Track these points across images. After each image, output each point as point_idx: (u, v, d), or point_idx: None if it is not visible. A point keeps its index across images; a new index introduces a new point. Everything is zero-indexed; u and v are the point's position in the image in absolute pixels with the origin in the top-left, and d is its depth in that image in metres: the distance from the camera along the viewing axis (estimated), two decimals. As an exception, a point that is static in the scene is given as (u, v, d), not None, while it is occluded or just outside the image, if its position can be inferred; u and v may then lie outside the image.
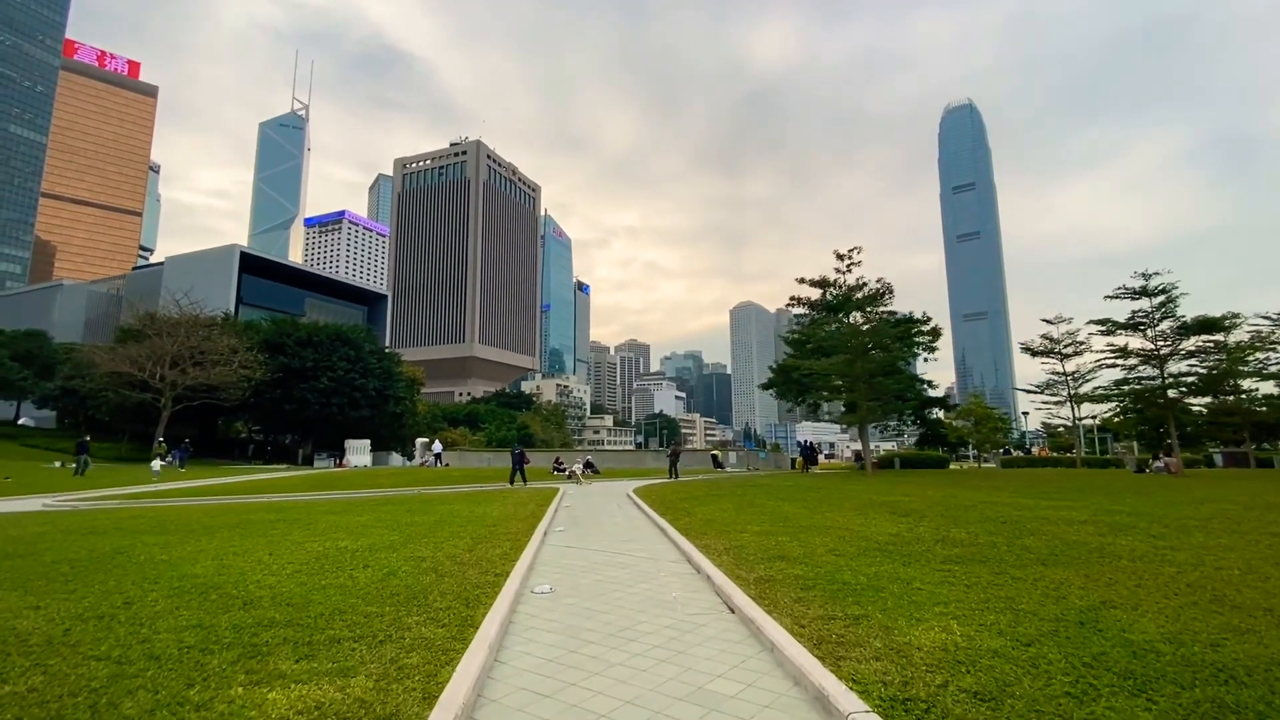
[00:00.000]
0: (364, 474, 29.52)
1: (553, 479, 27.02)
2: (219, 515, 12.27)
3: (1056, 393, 35.07)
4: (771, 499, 14.78)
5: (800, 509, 12.59)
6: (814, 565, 6.98)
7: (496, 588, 6.23)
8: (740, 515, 11.81)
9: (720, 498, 15.50)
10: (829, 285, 35.94)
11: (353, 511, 12.98)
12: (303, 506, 14.05)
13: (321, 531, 10.04)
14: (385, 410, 53.04)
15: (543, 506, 14.52)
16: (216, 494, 19.60)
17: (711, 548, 8.40)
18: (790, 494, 16.13)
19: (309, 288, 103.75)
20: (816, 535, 9.06)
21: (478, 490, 20.58)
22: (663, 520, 11.68)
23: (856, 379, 25.75)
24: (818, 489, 17.72)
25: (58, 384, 47.02)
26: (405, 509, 13.58)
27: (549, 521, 12.04)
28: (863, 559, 7.28)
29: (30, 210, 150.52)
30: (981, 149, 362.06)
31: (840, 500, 14.22)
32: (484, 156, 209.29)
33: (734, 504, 13.86)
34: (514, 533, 10.10)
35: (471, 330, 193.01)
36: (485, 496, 17.22)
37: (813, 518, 11.16)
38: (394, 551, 8.13)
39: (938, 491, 16.59)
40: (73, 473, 27.87)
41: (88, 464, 28.40)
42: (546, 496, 17.39)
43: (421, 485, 23.19)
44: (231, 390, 41.70)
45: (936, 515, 11.07)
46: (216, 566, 7.10)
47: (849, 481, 22.00)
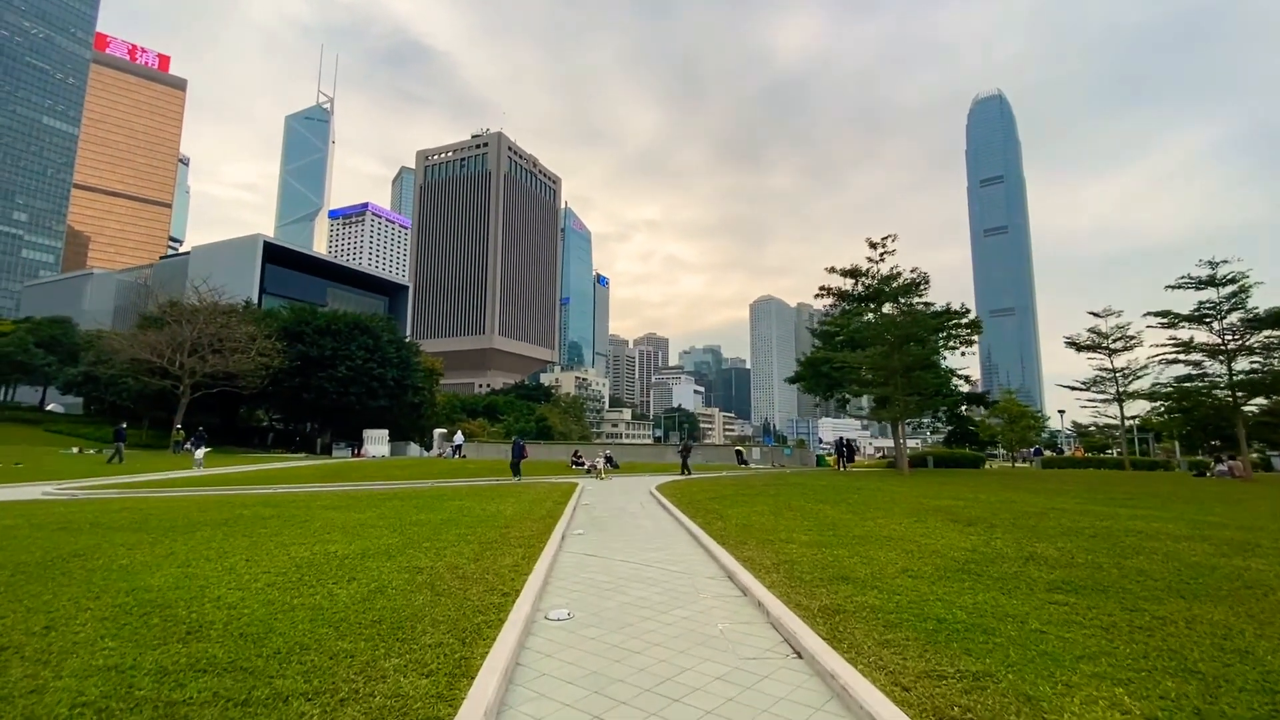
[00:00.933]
0: (379, 465, 28.78)
1: (571, 473, 25.97)
2: (211, 509, 11.34)
3: (1103, 389, 33.08)
4: (810, 500, 13.49)
5: (846, 514, 11.29)
6: (889, 591, 5.72)
7: (503, 613, 5.08)
8: (780, 520, 10.55)
9: (753, 498, 14.25)
10: (861, 275, 34.35)
11: (355, 507, 11.98)
12: (304, 500, 13.12)
13: (315, 531, 9.01)
14: (404, 400, 52.53)
15: (560, 504, 13.41)
16: (224, 484, 18.85)
17: (756, 562, 7.16)
18: (829, 495, 14.81)
19: (331, 278, 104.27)
20: (877, 548, 7.78)
21: (493, 484, 19.57)
22: (693, 524, 10.46)
23: (893, 372, 24.23)
24: (857, 489, 16.36)
25: (81, 370, 47.21)
26: (413, 505, 12.56)
27: (567, 523, 10.90)
28: (947, 583, 5.99)
29: (63, 201, 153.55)
30: (1011, 141, 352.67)
31: (887, 503, 12.88)
32: (505, 148, 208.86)
33: (769, 506, 12.60)
34: (528, 536, 8.97)
35: (491, 322, 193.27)
36: (499, 491, 16.17)
37: (864, 525, 9.86)
38: (389, 559, 7.03)
39: (991, 494, 15.15)
40: (106, 460, 27.20)
41: (121, 452, 27.62)
42: (565, 492, 16.29)
43: (435, 478, 22.26)
44: (250, 378, 41.36)
45: (1007, 525, 9.70)
46: (178, 576, 6.05)
47: (888, 481, 20.57)
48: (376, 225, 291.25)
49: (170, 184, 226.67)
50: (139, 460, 29.77)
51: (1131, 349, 31.67)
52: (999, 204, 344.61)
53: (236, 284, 70.12)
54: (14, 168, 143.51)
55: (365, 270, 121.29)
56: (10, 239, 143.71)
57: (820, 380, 32.51)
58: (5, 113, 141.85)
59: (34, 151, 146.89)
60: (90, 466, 25.41)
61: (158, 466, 26.28)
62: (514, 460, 22.50)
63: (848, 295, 35.09)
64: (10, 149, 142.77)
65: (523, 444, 23.83)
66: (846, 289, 35.02)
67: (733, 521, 10.52)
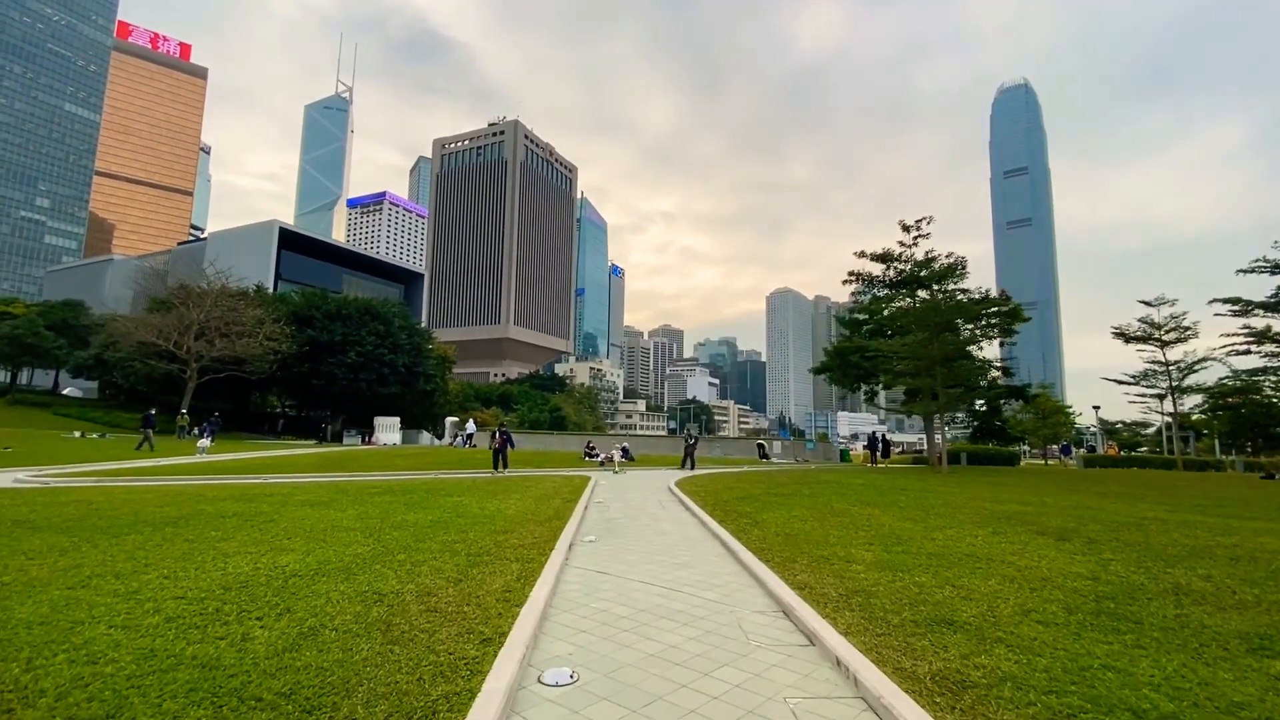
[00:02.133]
0: (383, 454, 27.53)
1: (584, 465, 24.49)
2: (171, 504, 9.96)
3: (1153, 384, 30.87)
4: (854, 503, 11.81)
5: (904, 521, 9.61)
6: (1021, 648, 4.06)
7: (477, 675, 3.53)
8: (828, 529, 8.90)
9: (787, 499, 12.60)
10: (893, 259, 32.42)
11: (337, 503, 10.54)
12: (282, 494, 11.72)
13: (273, 536, 7.54)
14: (415, 388, 51.49)
15: (570, 502, 11.89)
16: (210, 473, 17.60)
17: (816, 591, 5.54)
18: (872, 497, 13.13)
19: (347, 265, 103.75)
20: (967, 573, 6.12)
21: (500, 477, 18.14)
22: (724, 531, 8.85)
23: (932, 362, 22.37)
24: (902, 490, 14.64)
25: (92, 354, 46.71)
26: (404, 501, 11.10)
27: (576, 525, 9.36)
28: (1095, 635, 4.33)
29: (85, 187, 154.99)
30: (1036, 132, 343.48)
31: (944, 508, 11.17)
32: (521, 136, 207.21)
33: (809, 509, 10.96)
34: (528, 545, 7.44)
35: (507, 311, 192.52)
36: (505, 486, 14.70)
37: (933, 537, 8.19)
38: (346, 580, 5.52)
39: (1057, 498, 13.35)
40: (135, 447, 26.01)
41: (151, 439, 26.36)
42: (576, 488, 14.78)
43: (440, 469, 20.89)
44: (258, 363, 40.46)
45: (1110, 540, 7.97)
46: (58, 603, 4.58)
47: (929, 481, 18.77)
48: (394, 214, 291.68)
49: (191, 172, 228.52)
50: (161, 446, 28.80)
51: (1186, 340, 29.44)
52: (1023, 196, 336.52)
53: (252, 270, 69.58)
54: (36, 154, 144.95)
55: (380, 258, 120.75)
56: (33, 225, 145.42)
57: (849, 371, 30.65)
58: (27, 99, 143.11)
59: (56, 138, 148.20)
60: (85, 451, 24.43)
61: (160, 452, 25.24)
62: (499, 451, 20.28)
63: (878, 281, 33.22)
64: (32, 135, 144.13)
65: (509, 433, 21.54)
66: (876, 274, 33.22)
67: (771, 529, 8.89)
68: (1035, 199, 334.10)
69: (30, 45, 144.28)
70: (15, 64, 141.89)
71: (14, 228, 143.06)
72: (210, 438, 36.48)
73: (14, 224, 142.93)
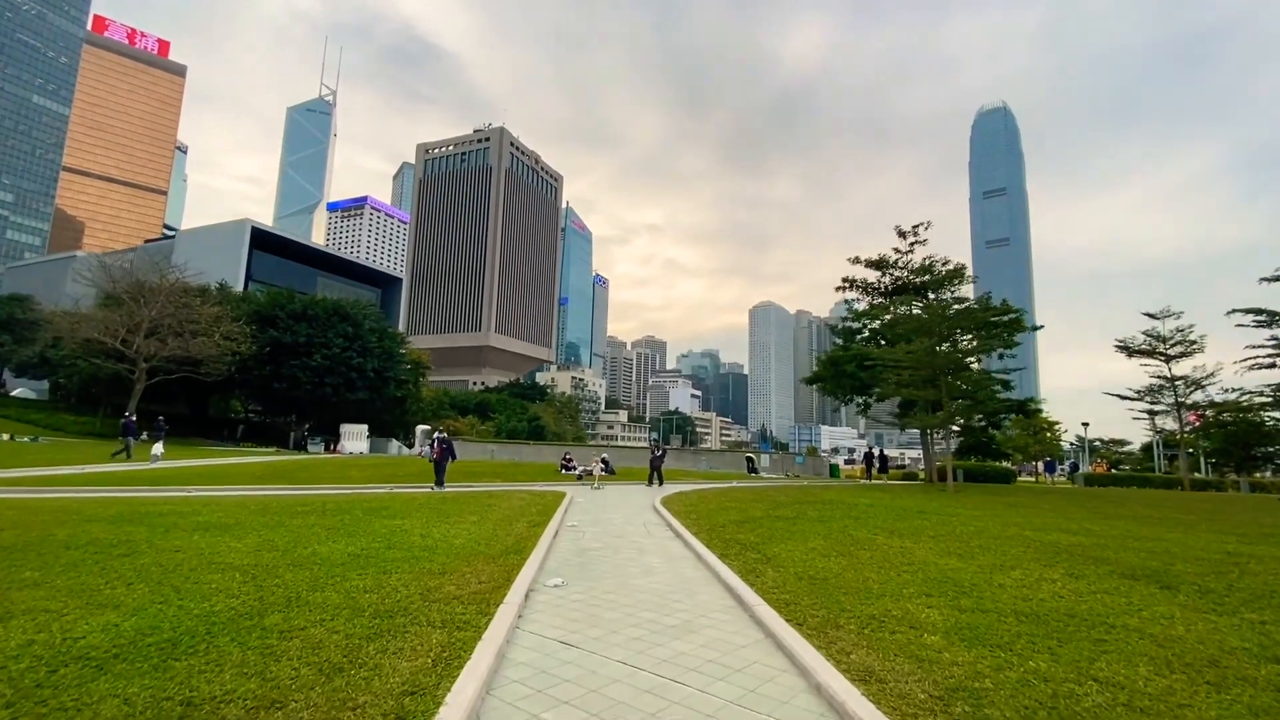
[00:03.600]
0: (339, 463, 25.12)
1: (559, 479, 22.40)
2: (25, 524, 7.75)
3: (1158, 399, 29.67)
4: (874, 530, 9.94)
5: (946, 557, 7.76)
6: None
7: None
8: (859, 568, 7.01)
9: (793, 523, 10.71)
10: (888, 266, 31.07)
11: (243, 527, 8.42)
12: (185, 511, 9.54)
13: (111, 580, 5.43)
14: (385, 393, 48.86)
15: (537, 526, 9.87)
16: (128, 484, 15.25)
17: (892, 689, 3.61)
18: (890, 521, 11.29)
19: (322, 268, 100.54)
20: (1096, 652, 4.24)
21: (461, 492, 16.02)
22: (730, 573, 6.90)
23: (937, 371, 20.78)
24: (919, 512, 12.83)
25: (36, 351, 43.52)
26: (330, 524, 9.01)
27: (540, 561, 7.36)
28: None
29: (51, 182, 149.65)
30: (1014, 153, 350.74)
31: (984, 538, 9.35)
32: (507, 144, 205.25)
33: (825, 538, 9.07)
34: (470, 594, 5.44)
35: (488, 319, 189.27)
36: (463, 504, 12.62)
37: (998, 581, 6.34)
38: (156, 672, 3.48)
39: (1099, 524, 11.60)
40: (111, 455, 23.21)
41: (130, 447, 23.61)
42: (547, 506, 12.75)
43: (397, 482, 18.70)
44: (214, 364, 37.69)
45: (1222, 589, 6.17)
46: None
47: (942, 501, 16.99)
48: (375, 219, 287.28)
49: (166, 171, 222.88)
50: (76, 450, 26.09)
51: (1191, 354, 28.30)
52: (1001, 216, 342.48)
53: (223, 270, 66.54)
54: (0, 147, 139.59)
55: (358, 261, 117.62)
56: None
57: (843, 381, 29.00)
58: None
59: (22, 130, 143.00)
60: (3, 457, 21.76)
61: (97, 457, 22.59)
62: (437, 463, 17.61)
63: (873, 288, 31.77)
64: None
65: (450, 441, 18.85)
66: (872, 281, 31.77)
67: (789, 569, 6.96)
68: (1013, 219, 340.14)
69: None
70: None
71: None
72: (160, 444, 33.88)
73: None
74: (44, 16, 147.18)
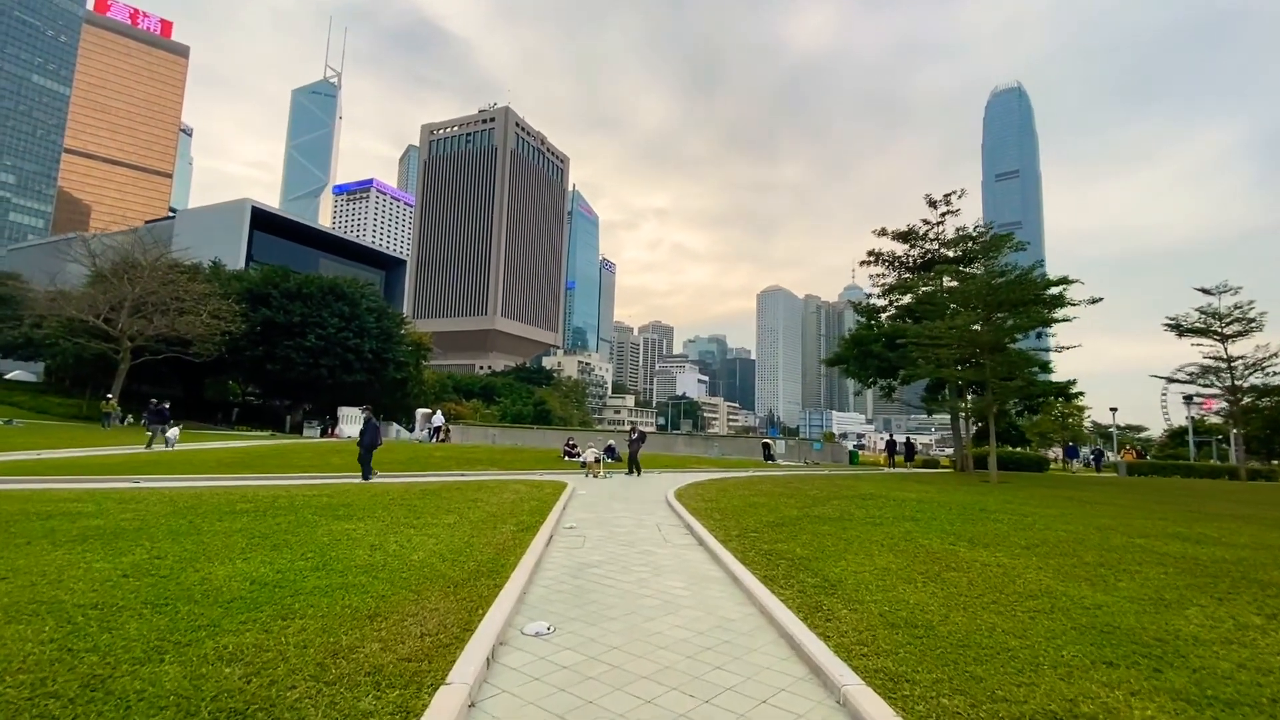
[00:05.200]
0: (321, 449, 23.24)
1: (562, 467, 20.50)
2: None
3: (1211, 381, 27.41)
4: (947, 538, 7.92)
5: (1071, 582, 5.73)
6: None
7: None
8: (959, 598, 4.99)
9: (840, 525, 8.71)
10: (918, 238, 28.81)
11: (137, 535, 6.50)
12: (91, 510, 7.65)
13: None
14: (384, 376, 47.13)
15: (526, 530, 7.91)
16: (81, 472, 13.45)
17: None
18: (956, 524, 9.27)
19: (324, 248, 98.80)
20: None
21: (448, 482, 14.12)
22: (782, 609, 4.89)
23: (980, 349, 18.64)
24: (983, 511, 10.77)
25: (21, 332, 41.90)
26: (265, 529, 7.08)
27: (519, 589, 5.39)
28: None
29: (53, 164, 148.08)
30: (1028, 135, 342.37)
31: (1091, 548, 7.30)
32: (512, 124, 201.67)
33: (891, 549, 7.06)
34: (390, 672, 3.48)
35: (494, 302, 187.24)
36: (445, 498, 10.69)
37: (1180, 627, 4.32)
38: None
39: (1211, 526, 9.52)
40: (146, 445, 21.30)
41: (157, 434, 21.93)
42: (542, 502, 10.80)
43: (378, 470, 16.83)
44: (203, 344, 35.96)
45: None
46: None
47: (997, 496, 14.92)
48: (381, 202, 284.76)
49: (171, 153, 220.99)
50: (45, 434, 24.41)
51: (1250, 333, 25.96)
52: (1014, 199, 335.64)
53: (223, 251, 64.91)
54: (1, 128, 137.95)
55: (361, 242, 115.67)
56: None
57: (869, 363, 26.82)
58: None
59: (22, 111, 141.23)
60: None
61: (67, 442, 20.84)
62: (362, 448, 14.68)
63: (899, 262, 29.52)
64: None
65: (376, 425, 15.27)
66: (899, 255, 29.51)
67: (868, 606, 4.96)
68: (1026, 203, 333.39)
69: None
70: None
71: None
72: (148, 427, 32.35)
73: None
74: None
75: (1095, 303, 19.10)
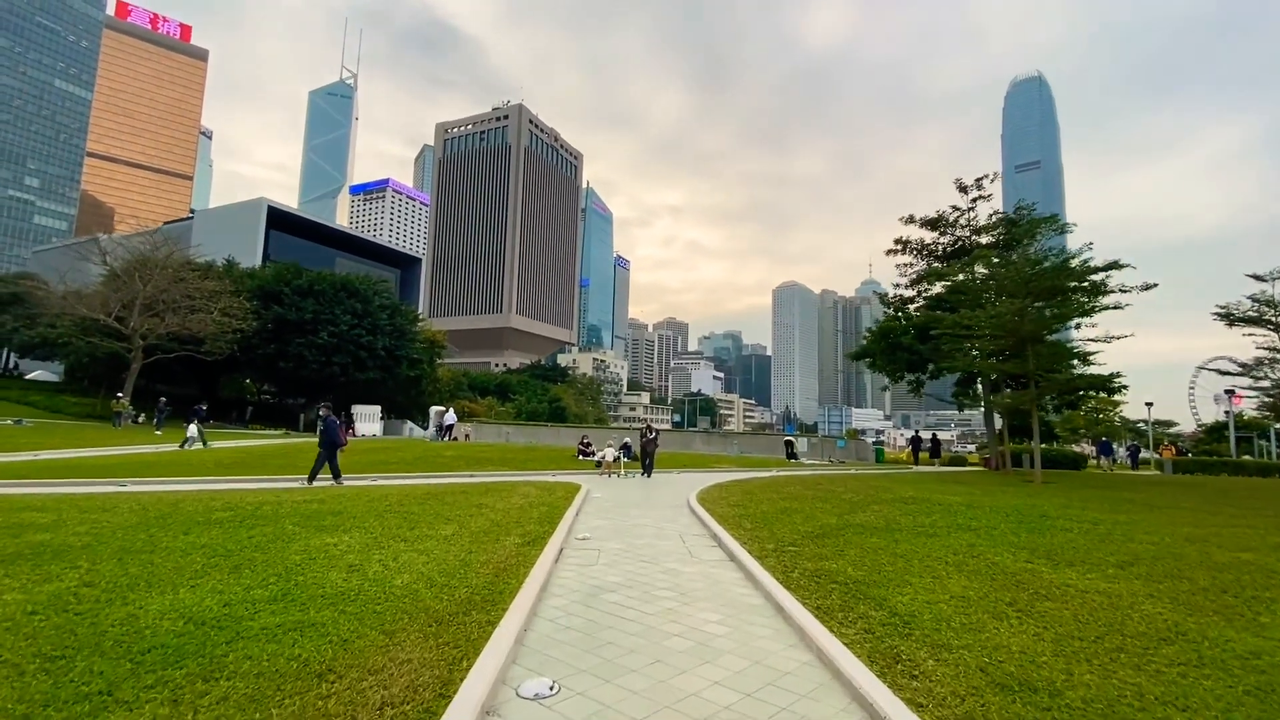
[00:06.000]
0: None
1: (576, 467, 19.54)
2: None
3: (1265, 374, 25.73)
4: (1020, 553, 6.77)
5: (1206, 615, 4.61)
6: None
7: None
8: (1076, 645, 3.89)
9: (890, 537, 7.60)
10: (948, 225, 27.44)
11: (82, 554, 5.61)
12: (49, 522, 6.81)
13: None
14: (398, 373, 46.57)
15: (532, 544, 6.92)
16: (61, 476, 12.75)
17: None
18: (1020, 532, 8.12)
19: (340, 247, 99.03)
20: None
21: (457, 483, 13.20)
22: (853, 662, 3.81)
23: (1022, 339, 17.32)
24: (1044, 518, 9.58)
25: (38, 332, 41.95)
26: (224, 545, 6.17)
27: (518, 627, 4.38)
28: None
29: (76, 167, 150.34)
30: (1050, 125, 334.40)
31: (1196, 566, 6.15)
32: (526, 121, 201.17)
33: (959, 569, 5.95)
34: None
35: (509, 300, 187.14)
36: (448, 503, 9.74)
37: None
38: None
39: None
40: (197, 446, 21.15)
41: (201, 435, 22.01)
42: (554, 507, 9.81)
43: (379, 471, 16.02)
44: (214, 342, 35.60)
45: None
46: None
47: (1053, 500, 13.69)
48: (397, 202, 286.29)
49: (191, 156, 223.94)
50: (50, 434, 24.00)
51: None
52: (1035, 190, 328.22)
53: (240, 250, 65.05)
54: (25, 132, 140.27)
55: (376, 241, 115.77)
56: (21, 205, 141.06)
57: (897, 356, 25.51)
58: (15, 75, 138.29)
59: (45, 116, 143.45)
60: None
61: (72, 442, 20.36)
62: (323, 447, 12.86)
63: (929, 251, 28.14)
64: (21, 113, 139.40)
65: (338, 423, 13.34)
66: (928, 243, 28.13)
67: (960, 655, 3.87)
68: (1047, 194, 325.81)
69: (18, 18, 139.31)
70: (2, 38, 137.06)
71: (2, 207, 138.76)
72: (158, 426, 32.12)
73: (1, 203, 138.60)
74: (64, 0, 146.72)
75: (1149, 289, 17.64)
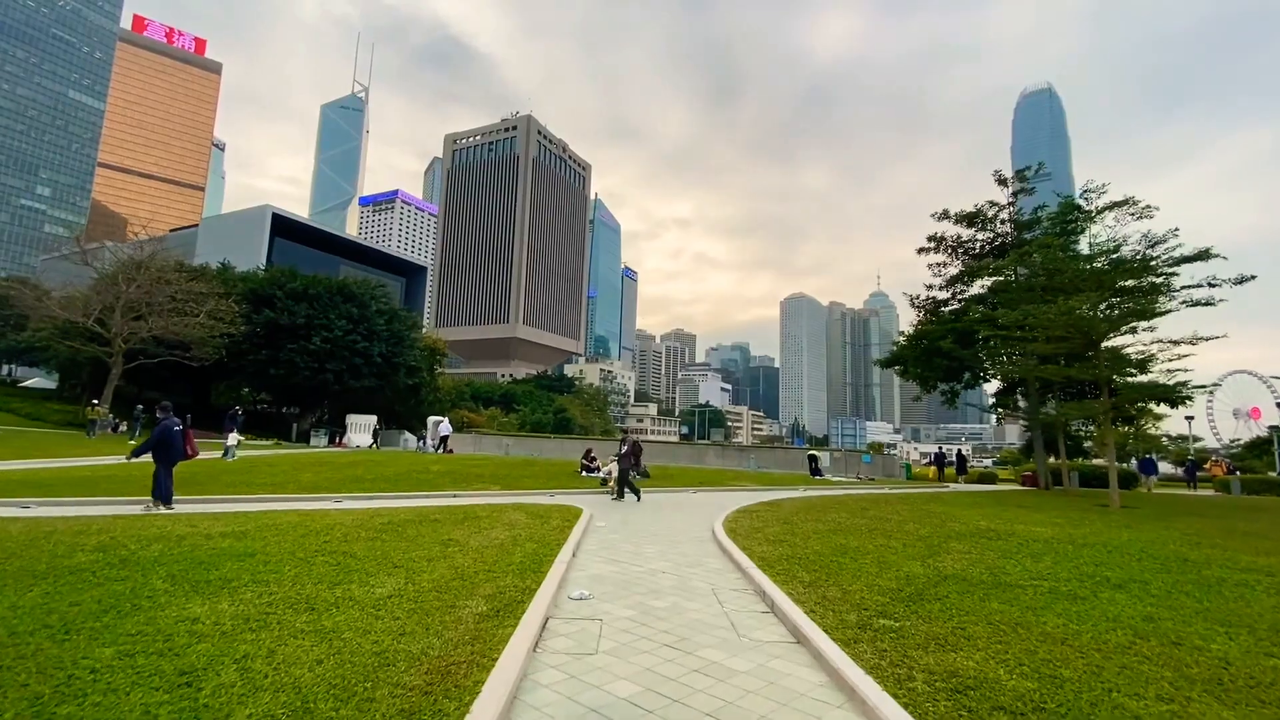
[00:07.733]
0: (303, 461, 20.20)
1: (579, 484, 17.24)
2: None
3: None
4: (1242, 638, 4.49)
5: None
6: None
7: None
8: None
9: (1014, 598, 5.31)
10: (987, 221, 25.25)
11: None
12: None
13: None
14: (395, 381, 44.56)
15: (501, 617, 4.68)
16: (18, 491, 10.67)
17: None
18: (1192, 589, 5.80)
19: (345, 255, 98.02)
20: None
21: (434, 506, 10.97)
22: None
23: (1091, 340, 14.99)
24: (1189, 563, 7.25)
25: (24, 337, 40.38)
26: (67, 613, 4.01)
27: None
28: None
29: (87, 177, 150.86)
30: (1060, 137, 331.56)
31: None
32: (534, 131, 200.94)
33: (1159, 663, 3.65)
34: None
35: (516, 310, 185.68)
36: (404, 538, 7.53)
37: None
38: None
39: None
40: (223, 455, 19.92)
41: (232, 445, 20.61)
42: (545, 544, 7.56)
43: (362, 492, 13.83)
44: (202, 347, 33.75)
45: None
46: None
47: (1174, 531, 11.28)
48: (406, 213, 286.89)
49: (203, 168, 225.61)
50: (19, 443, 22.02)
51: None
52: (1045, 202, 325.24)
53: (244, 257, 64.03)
54: (38, 141, 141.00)
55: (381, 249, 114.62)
56: (33, 213, 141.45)
57: (934, 362, 23.18)
58: (30, 85, 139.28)
59: (59, 125, 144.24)
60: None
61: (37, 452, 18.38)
62: (158, 461, 10.53)
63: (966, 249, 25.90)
64: (35, 123, 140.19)
65: (179, 427, 10.73)
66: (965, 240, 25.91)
67: None
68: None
69: (33, 30, 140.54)
70: (18, 48, 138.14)
71: (14, 215, 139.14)
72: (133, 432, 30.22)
73: (14, 212, 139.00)
74: (79, 12, 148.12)
75: (1242, 282, 15.23)
